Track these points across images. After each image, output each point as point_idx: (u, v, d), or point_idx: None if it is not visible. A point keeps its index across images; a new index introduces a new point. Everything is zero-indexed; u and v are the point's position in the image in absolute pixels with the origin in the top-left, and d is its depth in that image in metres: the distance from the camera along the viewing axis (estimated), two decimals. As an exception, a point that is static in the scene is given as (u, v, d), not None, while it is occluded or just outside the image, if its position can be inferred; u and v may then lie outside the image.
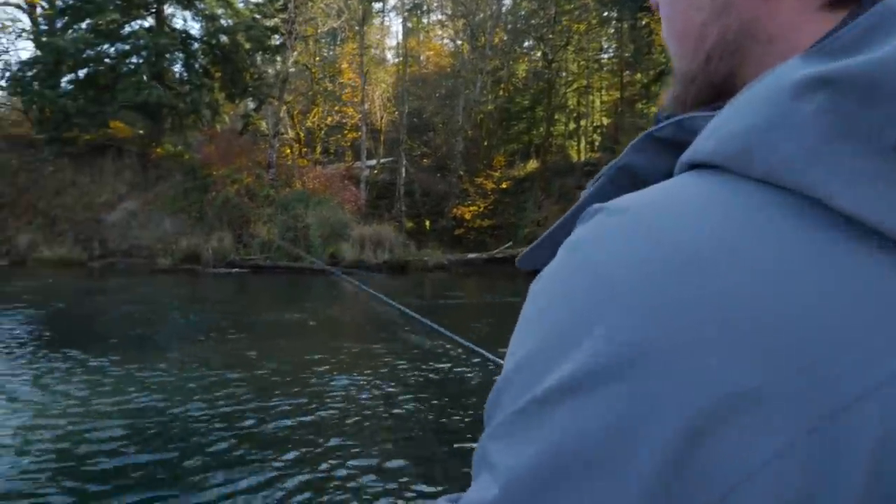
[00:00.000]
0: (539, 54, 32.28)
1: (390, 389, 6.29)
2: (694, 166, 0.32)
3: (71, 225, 23.38)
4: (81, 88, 24.54)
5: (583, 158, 30.44)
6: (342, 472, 4.20)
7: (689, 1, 0.41)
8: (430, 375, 6.95)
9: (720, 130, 0.30)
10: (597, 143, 32.55)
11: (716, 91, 0.40)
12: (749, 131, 0.29)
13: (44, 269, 21.10)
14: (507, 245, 25.43)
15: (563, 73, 32.07)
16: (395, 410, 5.62)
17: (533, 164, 30.54)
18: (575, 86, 32.88)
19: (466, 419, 5.31)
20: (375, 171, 30.45)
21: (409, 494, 3.84)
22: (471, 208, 28.52)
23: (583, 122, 33.69)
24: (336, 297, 16.69)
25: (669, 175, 0.34)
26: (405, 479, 4.06)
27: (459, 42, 34.60)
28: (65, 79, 24.98)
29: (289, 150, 29.61)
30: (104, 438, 4.77)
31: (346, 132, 32.99)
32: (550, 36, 29.93)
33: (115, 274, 20.19)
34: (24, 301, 12.99)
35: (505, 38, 32.61)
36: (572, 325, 0.29)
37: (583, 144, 32.90)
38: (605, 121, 32.69)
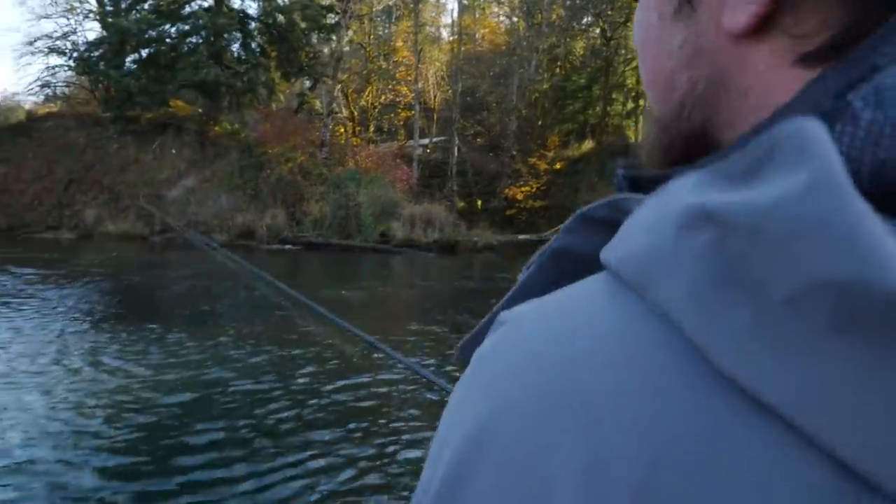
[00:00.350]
0: (597, 31, 31.51)
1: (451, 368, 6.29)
2: None
3: (133, 201, 24.22)
4: (143, 68, 25.25)
5: (640, 139, 29.67)
6: (410, 454, 4.23)
7: (660, 46, 0.38)
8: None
9: (625, 243, 0.29)
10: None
11: (689, 143, 0.38)
12: (639, 256, 0.27)
13: (109, 242, 21.99)
14: (557, 227, 24.98)
15: (622, 51, 31.20)
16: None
17: (588, 145, 29.95)
18: (634, 64, 31.96)
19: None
20: (428, 150, 30.43)
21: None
22: (523, 189, 28.22)
23: (641, 102, 32.77)
24: (388, 274, 16.84)
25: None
26: None
27: (515, 19, 34.05)
28: (128, 59, 25.74)
29: (342, 129, 29.85)
30: (174, 410, 4.96)
31: (399, 111, 33.03)
32: (609, 12, 29.14)
33: (175, 249, 20.86)
34: (93, 274, 13.57)
35: (562, 14, 31.90)
36: (448, 430, 0.30)
37: (641, 125, 32.07)
38: (665, 100, 31.76)
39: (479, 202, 28.52)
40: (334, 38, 27.44)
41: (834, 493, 0.21)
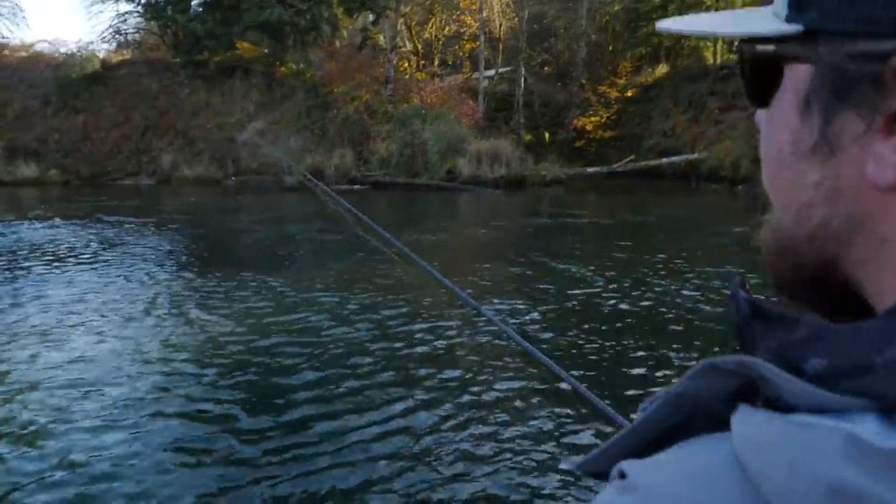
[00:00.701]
0: (672, -55, 29.41)
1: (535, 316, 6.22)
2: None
3: (207, 144, 24.81)
4: (209, 11, 25.39)
5: (718, 61, 27.92)
6: (491, 396, 4.27)
7: (792, 175, 0.38)
8: (570, 304, 6.80)
9: (769, 455, 0.30)
10: (736, 43, 29.68)
11: (815, 272, 0.38)
12: (780, 483, 0.28)
13: (185, 187, 22.75)
14: (629, 159, 24.23)
15: (699, -34, 29.14)
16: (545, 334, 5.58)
17: (662, 70, 28.49)
18: (712, -22, 29.85)
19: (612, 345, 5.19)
20: (494, 82, 29.67)
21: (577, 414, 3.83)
22: (592, 119, 27.31)
23: (720, 20, 30.68)
24: (456, 214, 16.80)
25: (726, 400, 0.34)
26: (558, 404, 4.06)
27: (584, -63, 32.15)
28: (194, 2, 25.90)
29: (406, 64, 29.39)
30: (267, 356, 5.15)
31: (463, 42, 32.17)
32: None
33: (249, 191, 21.41)
34: (176, 220, 14.14)
35: (634, -72, 29.89)
36: None
37: (720, 45, 30.08)
38: (747, 16, 29.59)
39: (547, 135, 27.82)
40: (395, -32, 26.71)
41: None
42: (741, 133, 21.87)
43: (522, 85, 27.73)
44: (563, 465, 3.14)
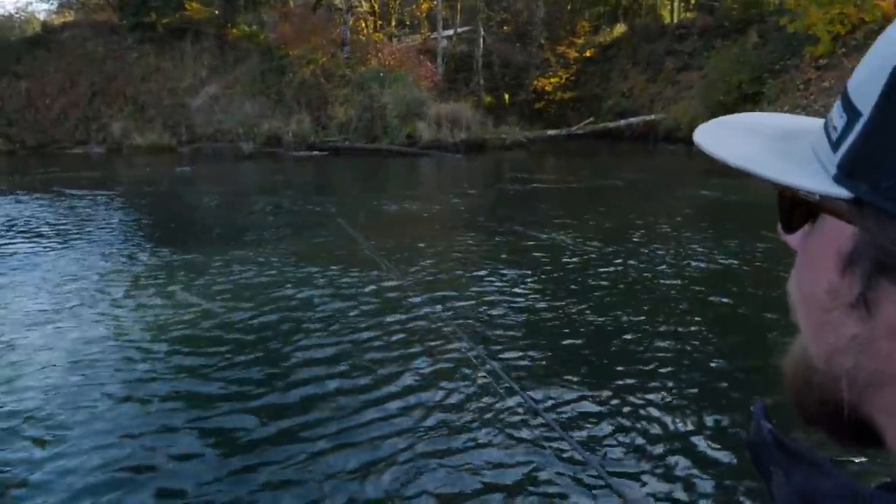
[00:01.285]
0: None
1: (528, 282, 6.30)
2: None
3: (158, 111, 24.08)
4: (155, -30, 24.37)
5: (675, 20, 28.05)
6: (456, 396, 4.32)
7: (831, 320, 0.38)
8: (546, 273, 6.90)
9: None
10: (692, 2, 29.80)
11: (834, 410, 0.39)
12: None
13: (138, 155, 22.12)
14: (588, 121, 24.37)
15: (657, -78, 29.02)
16: (537, 304, 5.65)
17: (620, 29, 28.48)
18: (669, -64, 29.78)
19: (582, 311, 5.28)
20: (453, 43, 29.31)
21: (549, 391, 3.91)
22: (552, 80, 27.28)
23: (677, -22, 30.76)
24: (416, 181, 16.72)
25: None
26: (530, 364, 4.14)
27: None
28: (138, -40, 24.81)
29: (363, 24, 28.77)
30: (225, 330, 5.07)
31: (421, 1, 31.59)
32: None
33: (204, 159, 20.91)
34: (130, 192, 13.78)
35: None
36: None
37: (677, 3, 30.20)
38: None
39: (507, 96, 27.73)
40: (348, -76, 25.93)
41: None
42: (697, 92, 22.14)
43: (482, 45, 27.46)
44: None
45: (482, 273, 6.89)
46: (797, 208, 0.40)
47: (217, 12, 25.81)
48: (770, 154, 0.40)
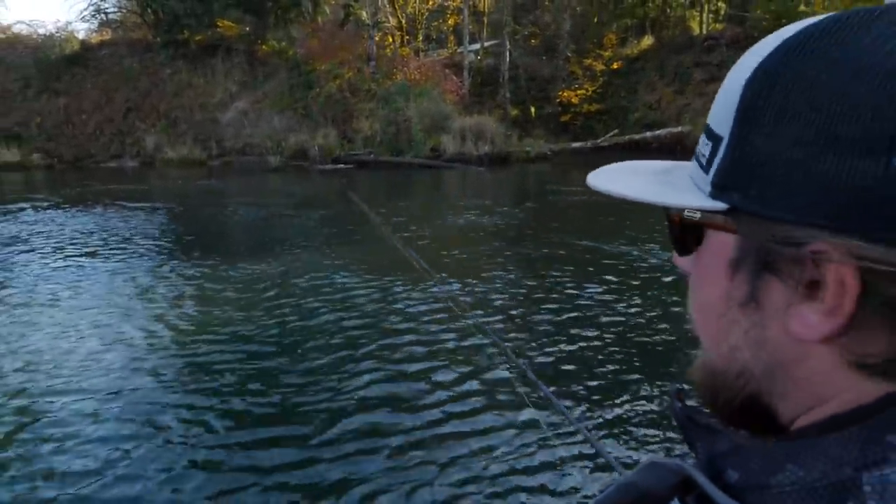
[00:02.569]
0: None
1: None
2: None
3: (190, 125, 24.63)
4: (187, -11, 25.02)
5: (704, 32, 27.75)
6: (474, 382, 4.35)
7: (725, 322, 0.43)
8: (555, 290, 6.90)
9: None
10: (722, 13, 29.49)
11: (740, 405, 0.44)
12: None
13: (170, 168, 22.64)
14: (612, 133, 24.20)
15: (685, -66, 28.82)
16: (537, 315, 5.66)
17: (647, 41, 28.29)
18: (698, -53, 29.53)
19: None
20: (479, 57, 29.44)
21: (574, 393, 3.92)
22: (578, 92, 27.14)
23: (707, -12, 30.43)
24: (440, 194, 16.78)
25: (669, 490, 0.41)
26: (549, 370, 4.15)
27: None
28: (172, -20, 25.51)
29: (390, 39, 29.10)
30: (252, 341, 5.17)
31: (447, 16, 31.83)
32: None
33: (233, 173, 21.30)
34: (162, 204, 14.12)
35: None
36: None
37: (706, 15, 29.88)
38: (734, -15, 29.29)
39: (533, 109, 27.68)
40: (376, -58, 26.33)
41: None
42: (725, 105, 21.81)
43: (508, 59, 27.52)
44: None
45: (531, 284, 6.90)
46: (686, 232, 0.45)
47: (248, 29, 26.37)
48: (655, 185, 0.46)
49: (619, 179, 0.48)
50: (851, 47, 0.35)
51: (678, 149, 22.45)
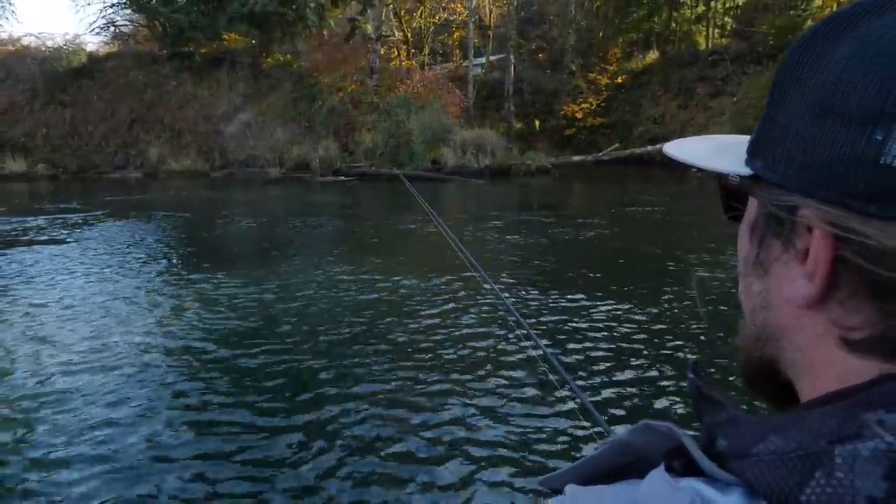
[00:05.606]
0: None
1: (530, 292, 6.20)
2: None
3: (194, 137, 24.76)
4: (194, 2, 25.26)
5: (710, 46, 27.65)
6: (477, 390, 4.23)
7: (747, 283, 0.46)
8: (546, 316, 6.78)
9: None
10: (728, 28, 29.38)
11: (759, 369, 0.46)
12: None
13: (173, 179, 22.72)
14: (614, 147, 24.07)
15: (691, -52, 28.81)
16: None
17: (652, 56, 28.23)
18: (705, -38, 29.49)
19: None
20: (484, 71, 29.49)
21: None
22: (582, 106, 27.10)
23: (713, 4, 30.38)
24: (440, 208, 16.68)
25: (661, 453, 0.41)
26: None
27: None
28: (178, -7, 25.79)
29: (396, 53, 29.22)
30: (254, 347, 5.09)
31: (453, 30, 31.95)
32: None
33: (235, 184, 21.33)
34: (165, 214, 14.10)
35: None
36: None
37: (711, 30, 29.80)
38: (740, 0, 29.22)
39: (537, 122, 27.65)
40: (382, -44, 26.49)
41: None
42: (728, 118, 21.71)
43: (513, 73, 27.54)
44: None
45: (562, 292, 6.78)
46: (730, 197, 0.48)
47: (253, 42, 26.56)
48: (711, 152, 0.49)
49: (686, 147, 0.51)
50: (861, 30, 0.37)
51: (681, 163, 22.27)
